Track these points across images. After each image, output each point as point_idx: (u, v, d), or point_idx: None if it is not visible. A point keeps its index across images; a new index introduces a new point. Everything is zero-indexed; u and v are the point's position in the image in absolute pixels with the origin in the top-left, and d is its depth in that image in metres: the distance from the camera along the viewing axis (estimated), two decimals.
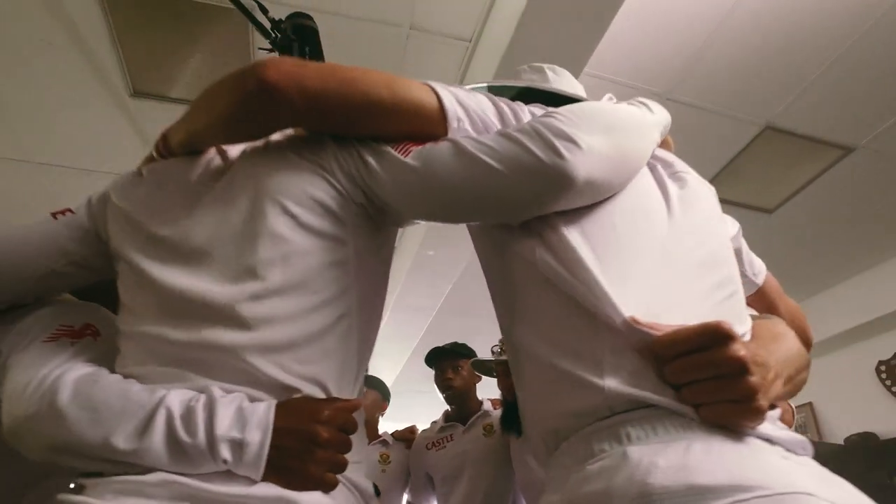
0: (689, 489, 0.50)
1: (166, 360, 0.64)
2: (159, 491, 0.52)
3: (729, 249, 0.80)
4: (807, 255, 3.65)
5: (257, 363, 0.62)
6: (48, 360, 0.67)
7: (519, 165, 0.67)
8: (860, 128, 2.63)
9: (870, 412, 3.89)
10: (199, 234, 0.71)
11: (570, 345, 0.65)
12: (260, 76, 0.68)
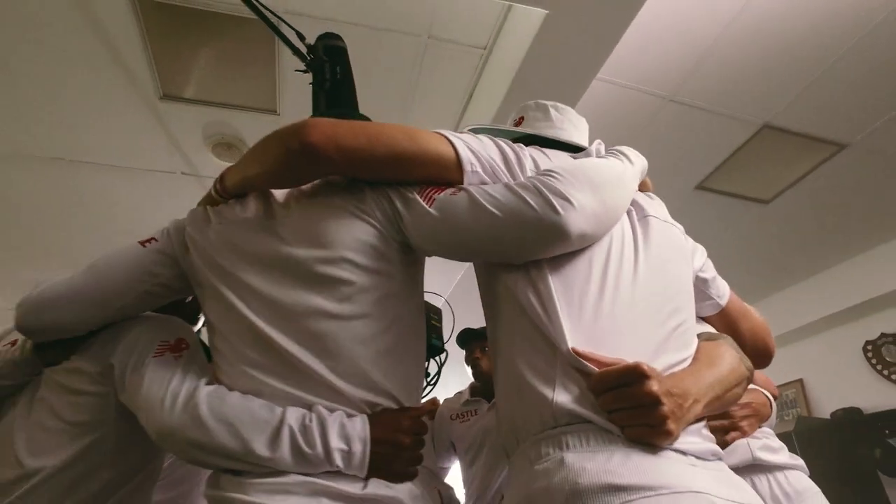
0: (608, 487, 0.64)
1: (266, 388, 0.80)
2: (300, 489, 0.70)
3: (683, 285, 0.94)
4: (799, 243, 3.81)
5: (341, 382, 0.78)
6: (168, 376, 0.84)
7: (522, 220, 0.80)
8: (853, 126, 2.76)
9: (856, 389, 4.09)
10: (264, 268, 0.86)
11: (533, 362, 0.79)
12: (303, 139, 0.82)
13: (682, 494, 0.63)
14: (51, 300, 0.89)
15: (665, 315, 0.84)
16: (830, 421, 4.04)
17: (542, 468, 0.70)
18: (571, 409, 0.72)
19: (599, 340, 0.76)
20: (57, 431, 0.90)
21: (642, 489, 0.63)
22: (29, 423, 0.92)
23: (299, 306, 0.83)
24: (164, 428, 0.79)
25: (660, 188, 3.25)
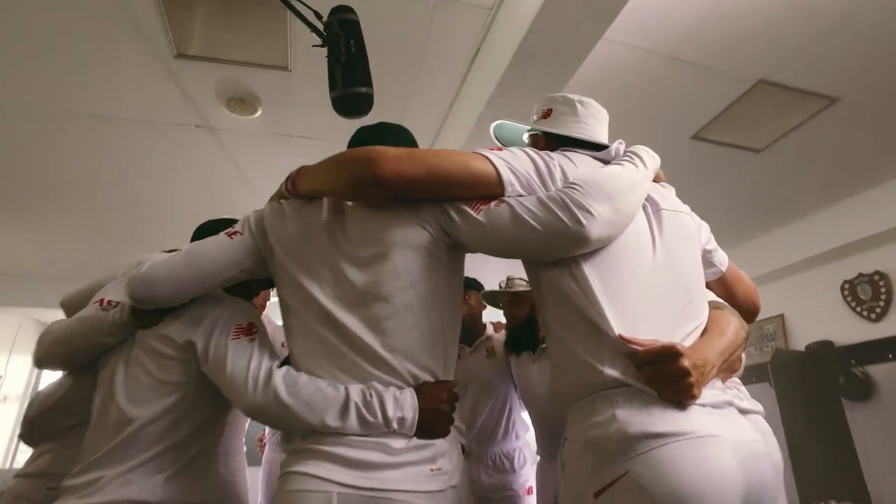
0: (649, 435, 0.87)
1: (332, 359, 1.00)
2: (361, 444, 0.92)
3: (692, 266, 1.14)
4: (787, 189, 3.97)
5: (395, 362, 0.99)
6: (246, 360, 1.04)
7: (553, 231, 0.98)
8: (845, 82, 2.86)
9: (830, 323, 4.39)
10: (334, 264, 1.04)
11: (583, 342, 1.00)
12: (375, 172, 0.99)
13: (703, 438, 0.87)
14: (159, 279, 1.07)
15: (679, 294, 1.05)
16: (804, 352, 4.37)
17: (599, 420, 0.92)
18: (619, 377, 0.93)
19: (633, 323, 0.97)
20: (149, 387, 1.12)
21: (674, 435, 0.86)
22: (128, 377, 1.13)
23: (361, 296, 1.02)
24: (252, 407, 1.00)
25: (657, 138, 3.38)
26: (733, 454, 0.87)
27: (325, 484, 0.89)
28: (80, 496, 1.04)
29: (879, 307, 4.05)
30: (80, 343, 1.21)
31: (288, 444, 1.00)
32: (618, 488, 0.85)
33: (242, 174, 3.69)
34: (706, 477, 0.83)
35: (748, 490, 0.87)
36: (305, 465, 0.93)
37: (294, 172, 1.18)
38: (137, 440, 1.08)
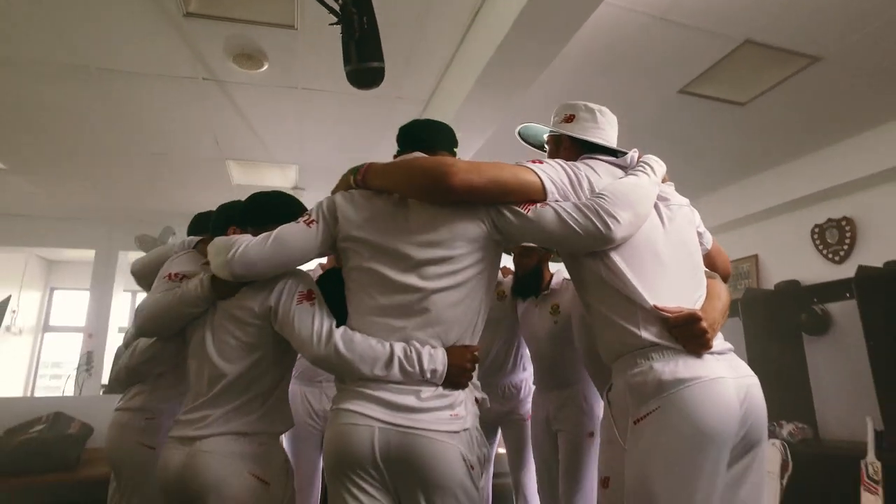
0: (678, 380, 1.15)
1: (384, 321, 1.25)
2: (402, 390, 1.19)
3: (695, 247, 1.40)
4: (767, 140, 4.17)
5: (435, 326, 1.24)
6: (309, 321, 1.28)
7: (587, 229, 1.22)
8: (827, 42, 3.01)
9: (799, 264, 4.73)
10: (408, 245, 1.26)
11: (621, 313, 1.26)
12: (448, 183, 1.20)
13: (714, 380, 1.17)
14: (256, 260, 1.30)
15: (688, 270, 1.34)
16: (773, 291, 4.74)
17: (639, 370, 1.22)
18: (653, 340, 1.22)
19: (658, 295, 1.25)
20: (236, 347, 1.37)
21: (694, 378, 1.16)
22: (216, 340, 1.39)
23: (414, 272, 1.25)
24: (316, 358, 1.26)
25: (647, 91, 3.52)
26: (735, 390, 1.18)
27: (369, 420, 1.17)
28: (195, 428, 1.32)
29: (843, 250, 4.38)
30: (172, 314, 1.45)
31: (341, 383, 1.27)
32: (652, 418, 1.16)
33: (248, 123, 3.81)
34: (714, 408, 1.14)
35: (745, 413, 1.18)
36: (354, 403, 1.20)
37: (364, 168, 1.37)
38: (231, 389, 1.35)
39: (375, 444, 1.15)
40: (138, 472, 1.56)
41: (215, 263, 1.35)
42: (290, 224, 1.35)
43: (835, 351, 4.25)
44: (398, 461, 1.15)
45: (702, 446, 1.11)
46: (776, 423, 4.10)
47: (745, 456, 1.21)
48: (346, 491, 1.17)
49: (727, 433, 1.13)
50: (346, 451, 1.16)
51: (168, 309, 1.44)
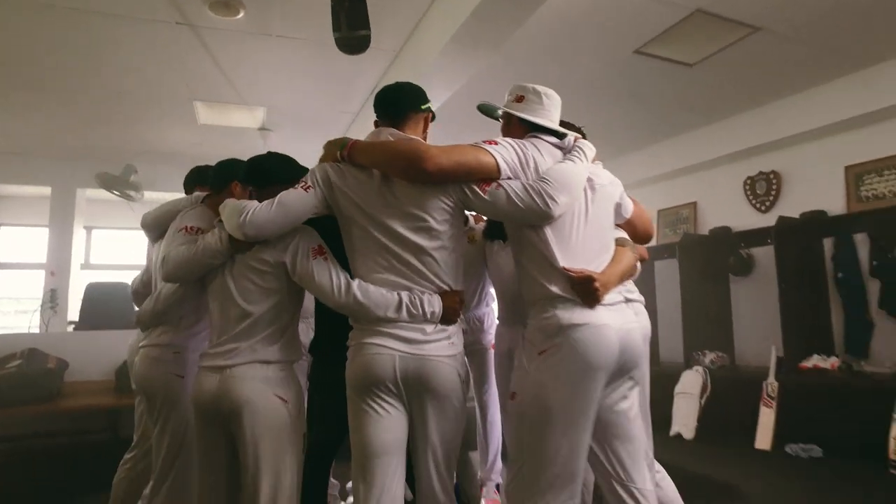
0: (574, 325, 1.46)
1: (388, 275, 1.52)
2: (410, 327, 1.48)
3: (609, 222, 1.69)
4: (710, 97, 4.52)
5: (429, 280, 1.52)
6: (327, 273, 1.54)
7: (532, 209, 1.49)
8: (767, 15, 3.31)
9: (732, 212, 5.21)
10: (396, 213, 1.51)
11: (540, 270, 1.55)
12: (423, 167, 1.44)
13: (599, 325, 1.48)
14: (264, 223, 1.52)
15: (598, 240, 1.63)
16: (707, 235, 5.25)
17: (546, 315, 1.51)
18: (559, 293, 1.51)
19: (572, 259, 1.54)
20: (257, 291, 1.61)
21: (585, 323, 1.47)
22: (238, 286, 1.61)
23: (408, 239, 1.52)
24: (337, 305, 1.52)
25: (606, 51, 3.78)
26: (615, 333, 1.51)
27: (390, 350, 1.47)
28: (225, 358, 1.57)
29: (769, 200, 4.88)
30: (195, 264, 1.66)
31: (357, 323, 1.55)
32: (552, 350, 1.49)
33: (220, 68, 3.84)
34: (596, 347, 1.47)
35: (621, 350, 1.51)
36: (376, 339, 1.49)
37: (349, 145, 1.57)
38: (256, 326, 1.60)
39: (397, 367, 1.46)
40: (171, 396, 1.82)
41: (229, 225, 1.57)
42: (290, 190, 1.57)
43: (754, 290, 4.83)
44: (413, 379, 1.48)
45: (584, 373, 1.46)
46: (700, 353, 4.70)
47: (623, 380, 1.56)
48: (370, 404, 1.49)
49: (606, 364, 1.47)
50: (373, 374, 1.47)
51: (192, 260, 1.66)
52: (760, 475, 3.32)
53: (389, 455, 1.49)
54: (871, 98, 3.94)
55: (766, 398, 4.02)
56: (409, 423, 1.53)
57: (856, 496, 2.93)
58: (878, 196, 4.06)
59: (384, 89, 1.74)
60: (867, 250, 4.05)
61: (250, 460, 1.52)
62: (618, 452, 1.54)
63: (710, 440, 4.13)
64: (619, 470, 1.53)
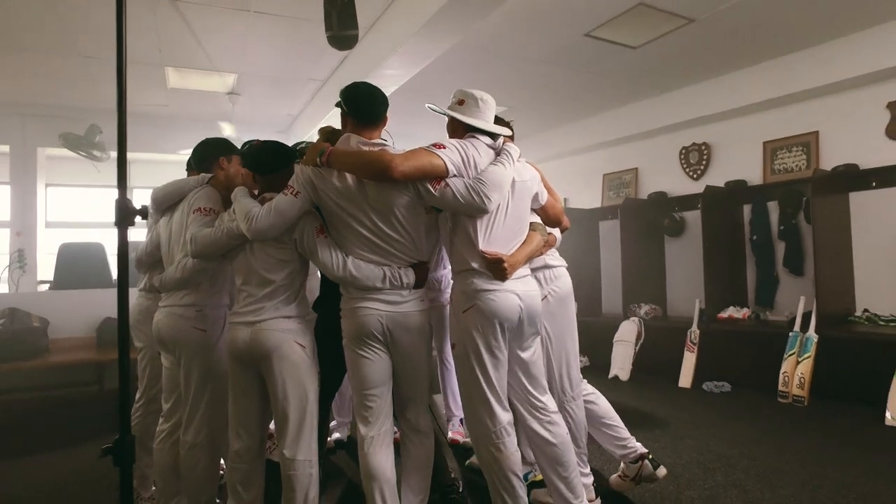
0: (485, 290, 1.88)
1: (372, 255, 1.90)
2: (392, 293, 1.88)
3: (526, 212, 2.06)
4: (653, 74, 4.98)
5: (402, 257, 1.92)
6: (328, 250, 1.91)
7: (471, 204, 1.85)
8: (701, 9, 3.74)
9: (668, 179, 5.77)
10: (368, 208, 1.88)
11: (466, 248, 1.94)
12: (389, 172, 1.76)
13: (507, 292, 1.90)
14: (265, 228, 1.86)
15: (515, 227, 2.01)
16: (646, 199, 5.81)
17: (467, 283, 1.90)
18: (477, 267, 1.91)
19: (491, 243, 1.93)
20: (275, 262, 1.95)
21: (495, 290, 1.88)
22: (259, 260, 1.95)
23: (382, 228, 1.89)
24: (335, 277, 1.89)
25: (559, 35, 4.18)
26: (518, 298, 1.91)
27: (377, 311, 1.87)
28: (254, 315, 1.92)
29: (700, 169, 5.45)
30: (220, 245, 1.97)
31: (346, 293, 1.94)
32: (471, 310, 1.89)
33: (195, 37, 3.97)
34: (503, 307, 1.87)
35: (524, 310, 1.92)
36: (366, 302, 1.88)
37: (327, 152, 1.87)
38: (277, 290, 1.95)
39: (383, 322, 1.88)
40: (196, 348, 2.14)
41: (240, 226, 1.92)
42: (281, 197, 1.90)
43: (685, 250, 5.45)
44: (394, 329, 1.89)
45: (494, 325, 1.86)
46: (636, 305, 5.31)
47: (526, 334, 1.96)
48: (364, 351, 1.90)
49: (511, 320, 1.88)
50: (366, 329, 1.88)
51: (217, 241, 1.98)
52: (681, 407, 3.95)
53: (380, 387, 1.92)
54: (788, 82, 4.49)
55: (689, 344, 4.68)
56: (391, 364, 1.95)
57: (751, 420, 3.59)
58: (787, 169, 4.67)
59: (359, 93, 2.01)
60: (777, 216, 4.69)
61: (280, 393, 1.91)
62: (523, 383, 2.00)
63: (642, 380, 4.77)
64: (527, 395, 2.00)
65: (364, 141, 1.93)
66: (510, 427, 1.90)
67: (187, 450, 2.07)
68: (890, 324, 3.88)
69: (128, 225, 1.53)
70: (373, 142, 1.94)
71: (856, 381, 3.82)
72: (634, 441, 2.41)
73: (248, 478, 2.01)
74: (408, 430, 2.01)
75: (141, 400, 2.43)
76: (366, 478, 1.87)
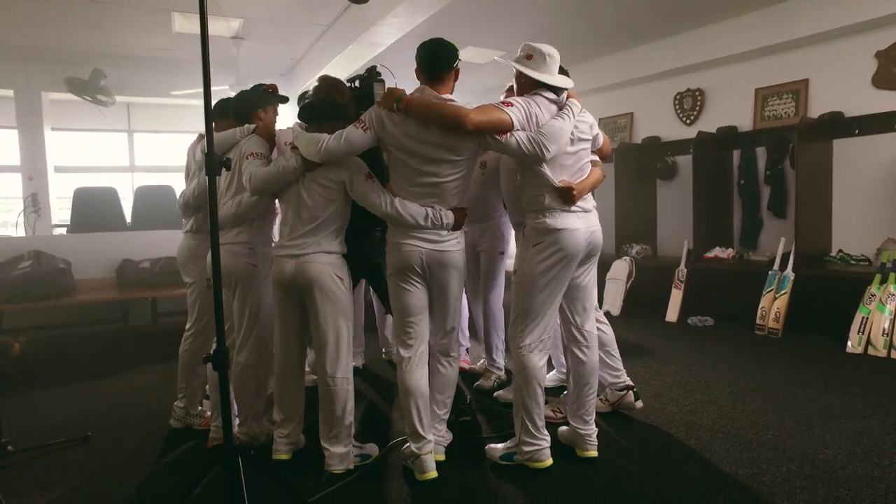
0: (557, 228, 2.14)
1: (417, 194, 2.12)
2: (433, 232, 2.11)
3: (587, 153, 2.30)
4: (649, 19, 5.06)
5: (446, 199, 2.15)
6: (378, 192, 2.14)
7: (532, 154, 2.08)
8: None
9: (662, 124, 5.95)
10: (430, 152, 2.08)
11: (539, 188, 2.18)
12: (466, 125, 1.98)
13: (574, 230, 2.16)
14: (334, 150, 2.05)
15: (579, 167, 2.25)
16: (640, 144, 6.00)
17: (540, 220, 2.16)
18: (550, 204, 2.16)
19: (559, 178, 2.15)
20: (322, 200, 2.17)
21: (564, 228, 2.12)
22: (309, 196, 2.16)
23: (435, 170, 2.10)
24: (384, 214, 2.12)
25: None
26: (584, 234, 2.18)
27: (419, 248, 2.11)
28: (298, 249, 2.16)
29: (694, 114, 5.63)
30: (277, 181, 2.18)
31: (394, 229, 2.16)
32: (542, 244, 2.15)
33: None
34: (573, 242, 2.14)
35: (588, 244, 2.20)
36: (409, 239, 2.12)
37: (405, 100, 2.06)
38: (321, 227, 2.18)
39: (423, 258, 2.13)
40: (249, 280, 2.39)
41: (306, 152, 2.10)
42: (352, 128, 2.10)
43: (675, 193, 5.70)
44: (432, 264, 2.14)
45: (563, 257, 2.12)
46: (628, 245, 5.61)
47: (587, 262, 2.27)
48: (405, 283, 2.16)
49: (578, 253, 2.14)
50: (407, 262, 2.13)
51: (275, 176, 2.19)
52: (667, 339, 4.32)
53: (419, 315, 2.20)
54: (780, 30, 4.62)
55: (677, 282, 5.01)
56: (428, 295, 2.22)
57: (728, 349, 3.96)
58: (776, 116, 4.87)
59: (427, 48, 2.18)
60: (764, 161, 4.92)
61: (320, 319, 2.18)
62: (576, 306, 2.31)
63: (632, 315, 5.13)
64: (575, 317, 2.32)
65: (436, 95, 2.12)
66: (543, 345, 2.21)
67: (241, 369, 2.36)
68: (860, 263, 4.21)
69: (216, 175, 1.71)
70: (444, 97, 2.13)
71: (825, 315, 4.19)
72: (626, 374, 2.76)
73: (291, 392, 2.32)
74: (439, 353, 2.30)
75: (191, 329, 2.71)
76: (404, 393, 2.16)
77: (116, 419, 2.91)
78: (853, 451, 2.27)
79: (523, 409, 2.18)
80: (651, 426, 2.62)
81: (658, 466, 2.20)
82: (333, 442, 2.19)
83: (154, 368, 3.81)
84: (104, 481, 2.22)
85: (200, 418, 2.73)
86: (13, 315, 4.42)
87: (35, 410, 3.08)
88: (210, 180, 1.69)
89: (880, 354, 3.64)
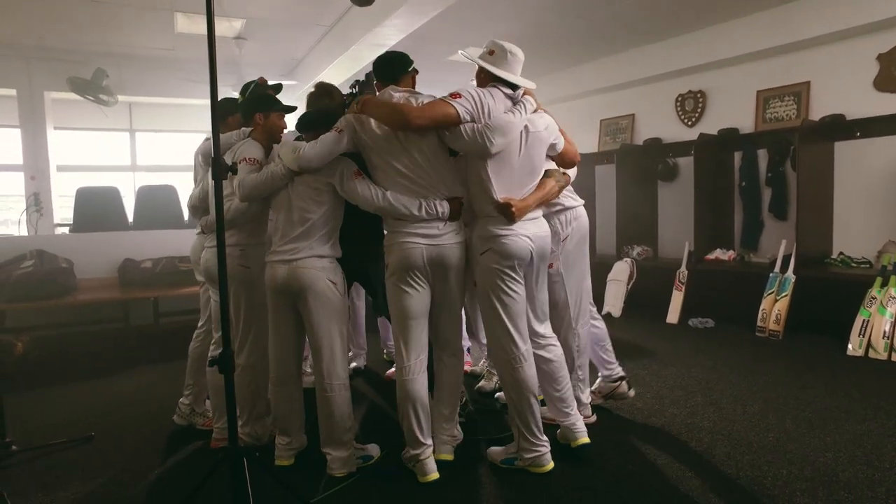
0: (501, 234, 2.13)
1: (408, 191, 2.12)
2: (429, 225, 2.12)
3: (540, 159, 2.27)
4: (651, 20, 5.08)
5: (436, 191, 2.15)
6: (367, 187, 2.14)
7: (474, 142, 2.08)
8: None
9: (663, 125, 5.94)
10: (399, 153, 2.11)
11: (483, 197, 2.17)
12: (409, 124, 2.02)
13: (518, 235, 2.14)
14: (311, 157, 2.08)
15: (528, 175, 2.22)
16: (641, 145, 6.00)
17: (484, 227, 2.15)
18: (492, 213, 2.14)
19: (505, 189, 2.15)
20: (312, 203, 2.17)
21: (508, 234, 2.11)
22: (299, 200, 2.18)
23: (414, 167, 2.11)
24: (377, 208, 2.12)
25: None
26: (529, 238, 2.15)
27: (419, 244, 2.11)
28: (290, 254, 2.16)
29: (695, 116, 5.63)
30: (266, 187, 2.19)
31: (390, 228, 2.17)
32: (487, 252, 2.14)
33: None
34: (516, 247, 2.11)
35: (534, 248, 2.16)
36: (408, 236, 2.11)
37: (361, 101, 2.12)
38: (314, 228, 2.18)
39: (424, 255, 2.12)
40: (241, 282, 2.41)
41: (286, 161, 2.13)
42: (328, 133, 2.12)
43: (677, 194, 5.71)
44: (434, 261, 2.14)
45: (509, 264, 2.11)
46: (629, 246, 5.61)
47: (535, 267, 2.21)
48: (406, 282, 2.14)
49: (523, 258, 2.12)
50: (409, 260, 2.12)
51: (264, 184, 2.20)
52: (668, 340, 4.32)
53: (419, 318, 2.19)
54: (781, 32, 4.63)
55: (678, 283, 5.02)
56: (431, 293, 2.20)
57: (729, 351, 3.97)
58: (777, 118, 4.87)
59: (381, 59, 2.29)
60: (766, 164, 4.93)
61: (314, 324, 2.18)
62: (536, 312, 2.29)
63: (632, 317, 5.14)
64: (530, 325, 2.26)
65: (396, 88, 2.18)
66: (528, 354, 2.18)
67: (240, 370, 2.37)
68: (861, 265, 4.21)
69: (222, 179, 1.73)
70: (404, 90, 2.19)
71: (826, 317, 4.20)
72: (618, 366, 2.80)
73: (288, 400, 2.32)
74: (442, 354, 2.30)
75: (203, 327, 2.73)
76: (402, 399, 2.15)
77: (118, 419, 2.92)
78: (854, 454, 2.27)
79: (519, 419, 2.17)
80: (652, 427, 2.62)
81: (658, 468, 2.21)
82: (335, 447, 2.20)
83: (155, 368, 3.83)
84: (108, 481, 2.23)
85: (205, 417, 2.74)
86: (15, 314, 4.43)
87: (38, 410, 3.09)
88: (216, 184, 1.69)
89: (881, 357, 3.64)
